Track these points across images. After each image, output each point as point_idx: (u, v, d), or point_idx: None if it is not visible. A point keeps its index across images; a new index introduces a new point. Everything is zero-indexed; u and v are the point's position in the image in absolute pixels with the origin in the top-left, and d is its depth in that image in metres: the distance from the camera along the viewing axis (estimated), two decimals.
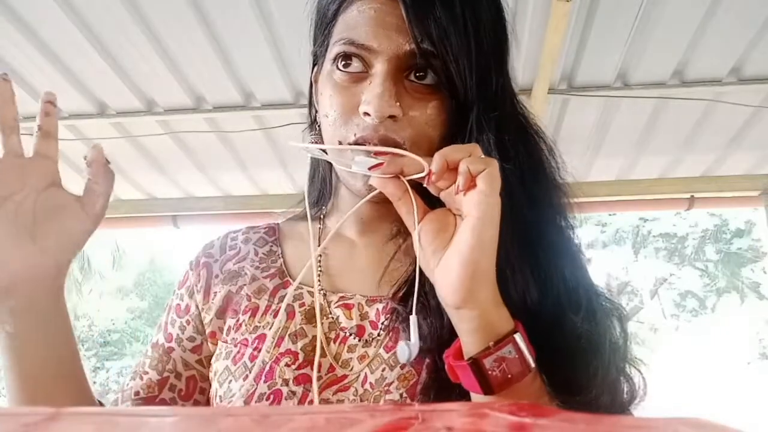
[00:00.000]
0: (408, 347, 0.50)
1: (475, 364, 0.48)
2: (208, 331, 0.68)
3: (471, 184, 0.47)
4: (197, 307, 0.69)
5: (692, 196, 3.00)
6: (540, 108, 2.30)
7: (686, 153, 2.80)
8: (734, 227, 10.22)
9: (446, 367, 0.51)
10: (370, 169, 0.52)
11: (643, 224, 10.80)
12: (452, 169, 0.48)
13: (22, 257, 0.53)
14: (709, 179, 2.97)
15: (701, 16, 1.95)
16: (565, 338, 0.54)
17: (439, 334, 0.54)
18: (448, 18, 0.54)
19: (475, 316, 0.48)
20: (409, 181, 0.51)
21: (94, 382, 11.03)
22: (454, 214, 0.51)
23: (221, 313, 0.67)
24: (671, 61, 2.19)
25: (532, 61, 2.16)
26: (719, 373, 9.40)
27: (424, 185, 0.51)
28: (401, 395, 0.57)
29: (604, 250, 11.08)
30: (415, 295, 0.52)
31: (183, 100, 2.40)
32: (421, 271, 0.52)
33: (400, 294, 0.62)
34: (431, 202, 0.52)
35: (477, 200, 0.47)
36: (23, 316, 0.54)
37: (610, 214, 9.63)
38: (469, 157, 0.48)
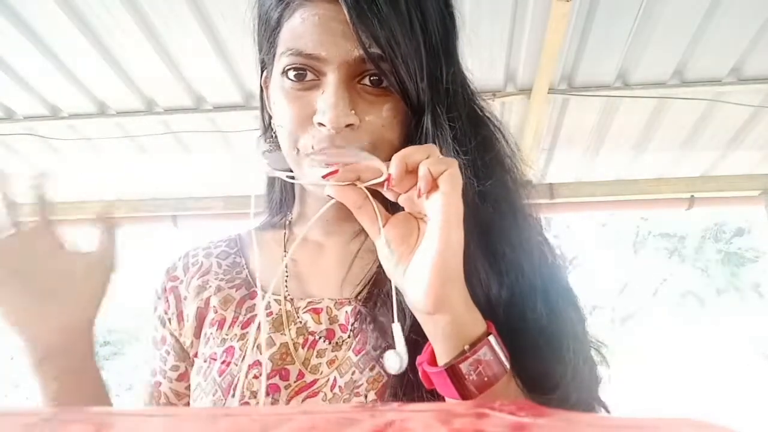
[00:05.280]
0: (398, 356, 0.49)
1: (452, 369, 0.47)
2: (192, 353, 0.67)
3: (432, 185, 0.46)
4: (172, 335, 0.68)
5: (692, 196, 3.00)
6: (540, 108, 2.30)
7: (686, 153, 2.80)
8: (734, 227, 10.22)
9: (420, 374, 0.51)
10: (324, 177, 0.49)
11: (643, 224, 10.80)
12: (411, 171, 0.47)
13: (51, 327, 0.56)
14: (709, 179, 2.97)
15: (701, 16, 1.95)
16: (529, 333, 0.54)
17: (405, 335, 0.53)
18: (393, 17, 0.52)
19: (449, 321, 0.47)
20: (367, 186, 0.49)
21: None
22: (416, 218, 0.49)
23: (198, 332, 0.66)
24: (671, 61, 2.19)
25: (532, 61, 2.16)
26: (719, 373, 9.40)
27: (383, 191, 0.49)
28: (367, 397, 0.57)
29: (604, 250, 11.08)
30: (394, 301, 0.50)
31: (183, 100, 2.40)
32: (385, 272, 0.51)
33: (364, 294, 0.61)
34: (388, 206, 0.51)
35: (441, 203, 0.45)
36: (62, 378, 0.57)
37: (610, 214, 9.62)
38: (428, 158, 0.46)
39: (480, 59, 2.12)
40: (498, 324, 0.51)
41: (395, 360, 0.49)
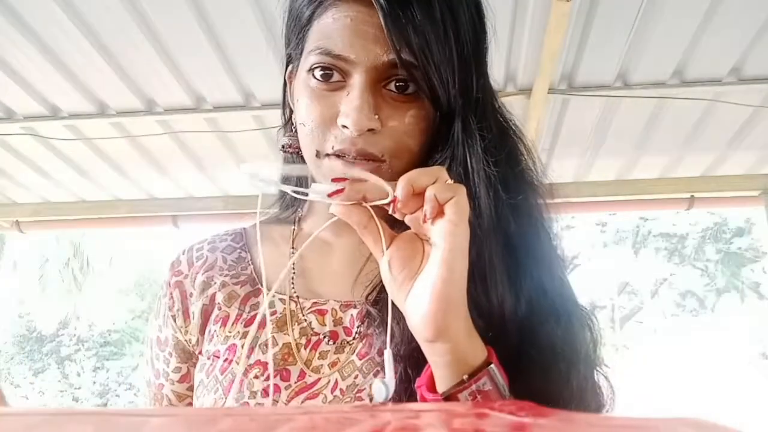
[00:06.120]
0: (385, 385, 0.48)
1: (449, 398, 0.47)
2: (197, 350, 0.66)
3: (438, 211, 0.45)
4: (177, 332, 0.67)
5: (692, 196, 3.00)
6: (540, 108, 2.30)
7: (686, 153, 2.80)
8: (734, 227, 10.21)
9: (419, 398, 0.50)
10: (330, 195, 0.48)
11: (643, 224, 10.79)
12: (418, 194, 0.46)
13: None
14: (709, 179, 2.96)
15: (701, 16, 1.95)
16: (541, 349, 0.53)
17: (410, 340, 0.53)
18: (427, 24, 0.52)
19: (448, 350, 0.46)
20: (372, 206, 0.48)
21: (94, 382, 11.03)
22: (422, 239, 0.48)
23: (203, 329, 0.66)
24: (671, 61, 2.19)
25: (532, 61, 2.16)
26: (719, 373, 9.39)
27: (389, 212, 0.48)
28: (371, 402, 0.56)
29: (604, 250, 11.07)
30: (388, 329, 0.49)
31: (183, 100, 2.40)
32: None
33: (373, 296, 0.60)
34: (394, 222, 0.50)
35: (446, 230, 0.44)
36: None
37: (610, 214, 9.62)
38: (435, 182, 0.45)
39: None
40: (509, 340, 0.51)
41: (381, 389, 0.48)
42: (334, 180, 0.50)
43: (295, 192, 0.53)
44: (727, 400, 8.58)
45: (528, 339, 0.53)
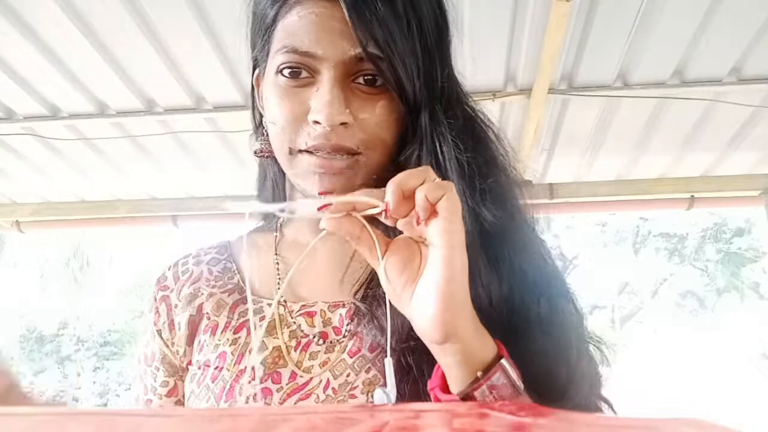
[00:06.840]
0: (386, 394, 0.48)
1: (467, 397, 0.46)
2: (185, 362, 0.66)
3: (431, 211, 0.45)
4: (164, 346, 0.67)
5: (692, 196, 3.00)
6: (540, 108, 2.30)
7: (686, 153, 2.80)
8: (734, 227, 10.22)
9: (432, 400, 0.50)
10: (319, 209, 0.47)
11: (643, 224, 10.79)
12: (408, 197, 0.45)
13: None
14: (709, 179, 2.96)
15: (701, 16, 1.95)
16: (534, 335, 0.54)
17: (400, 332, 0.53)
18: (391, 17, 0.53)
19: (458, 350, 0.46)
20: (363, 215, 0.47)
21: (94, 382, 11.03)
22: (417, 242, 0.48)
23: (190, 340, 0.66)
24: (671, 61, 2.19)
25: (532, 61, 2.16)
26: (719, 372, 9.39)
27: (382, 219, 0.47)
28: (367, 399, 0.56)
29: (604, 250, 11.08)
30: (388, 336, 0.49)
31: (183, 100, 2.40)
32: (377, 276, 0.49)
33: (361, 293, 0.61)
34: (384, 228, 0.49)
35: (442, 229, 0.44)
36: None
37: (610, 214, 9.62)
38: (423, 183, 0.45)
39: (480, 59, 2.12)
40: (503, 327, 0.51)
41: (383, 399, 0.48)
42: (321, 194, 0.51)
43: (282, 210, 0.52)
44: (727, 400, 8.58)
45: (519, 323, 0.53)
